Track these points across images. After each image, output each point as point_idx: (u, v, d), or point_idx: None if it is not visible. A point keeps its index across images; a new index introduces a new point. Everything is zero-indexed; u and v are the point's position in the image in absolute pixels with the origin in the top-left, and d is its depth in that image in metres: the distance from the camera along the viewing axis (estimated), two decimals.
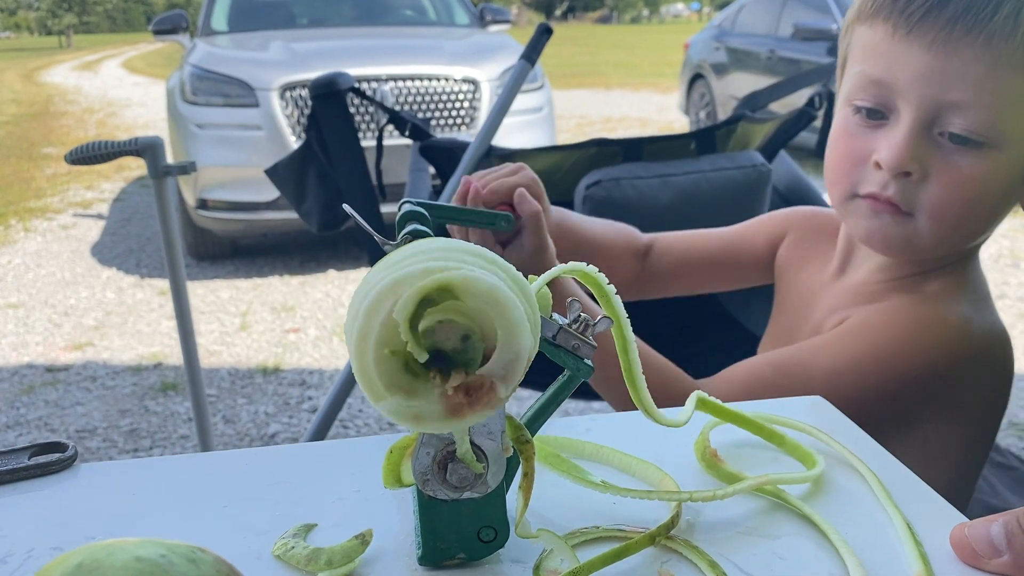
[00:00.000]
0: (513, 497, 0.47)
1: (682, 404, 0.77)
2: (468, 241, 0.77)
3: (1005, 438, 2.53)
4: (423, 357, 0.38)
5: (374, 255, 1.66)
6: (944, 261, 0.81)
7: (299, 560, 0.47)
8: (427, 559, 0.46)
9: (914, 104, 0.72)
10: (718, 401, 0.58)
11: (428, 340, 0.39)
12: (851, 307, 0.83)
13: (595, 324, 0.48)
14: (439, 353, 0.39)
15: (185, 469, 0.58)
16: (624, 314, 0.48)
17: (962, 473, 0.81)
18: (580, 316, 0.48)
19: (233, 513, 0.52)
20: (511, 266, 0.40)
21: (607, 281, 0.47)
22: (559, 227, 0.88)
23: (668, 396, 0.75)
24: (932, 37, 0.70)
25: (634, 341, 0.49)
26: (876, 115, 0.76)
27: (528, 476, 0.44)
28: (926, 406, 0.76)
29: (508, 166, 0.82)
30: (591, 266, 0.47)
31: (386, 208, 1.73)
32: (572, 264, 0.47)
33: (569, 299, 0.49)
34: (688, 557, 0.47)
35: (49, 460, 0.57)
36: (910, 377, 0.75)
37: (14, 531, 0.51)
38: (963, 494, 0.82)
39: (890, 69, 0.73)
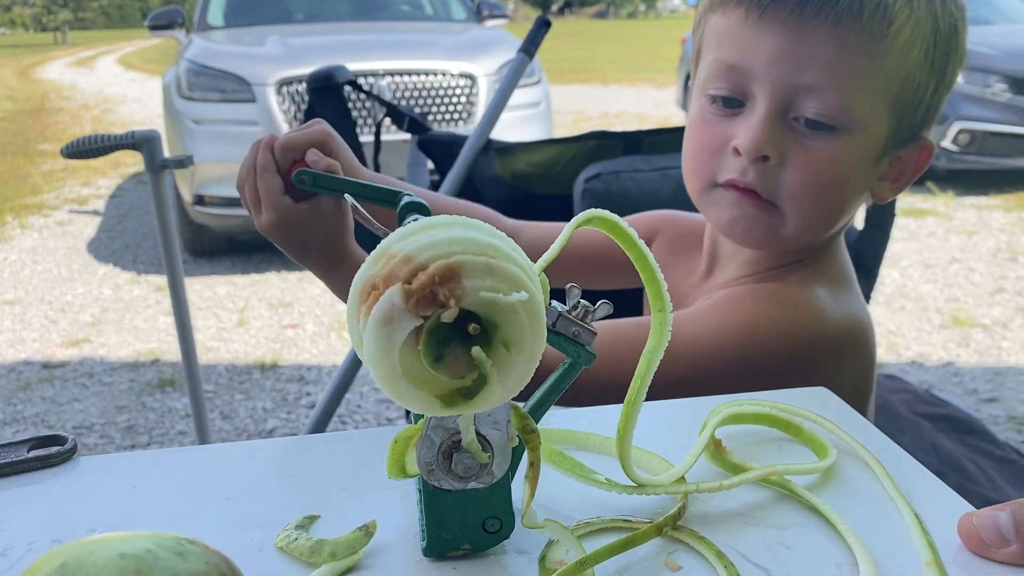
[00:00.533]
0: (518, 487, 0.47)
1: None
2: (252, 203, 0.73)
3: (1004, 432, 2.54)
4: (462, 360, 0.38)
5: (371, 249, 1.65)
6: (803, 252, 0.81)
7: (302, 552, 0.46)
8: (432, 550, 0.46)
9: (768, 88, 0.73)
10: (733, 410, 0.58)
11: (440, 347, 0.38)
12: None
13: (595, 310, 0.47)
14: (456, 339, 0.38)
15: (186, 462, 0.58)
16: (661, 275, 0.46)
17: None
18: (579, 302, 0.48)
19: (235, 506, 0.52)
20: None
21: (636, 236, 0.45)
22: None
23: None
24: (783, 19, 0.72)
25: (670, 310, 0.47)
26: (732, 103, 0.76)
27: (534, 466, 0.44)
28: (785, 384, 0.75)
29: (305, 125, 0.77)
30: (610, 213, 0.44)
31: None
32: (589, 212, 0.44)
33: (568, 285, 0.48)
34: (695, 547, 0.47)
35: (48, 453, 0.56)
36: (768, 352, 0.75)
37: (14, 524, 0.50)
38: None
39: (745, 54, 0.74)
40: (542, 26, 1.64)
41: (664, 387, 0.74)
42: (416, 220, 0.62)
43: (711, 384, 0.73)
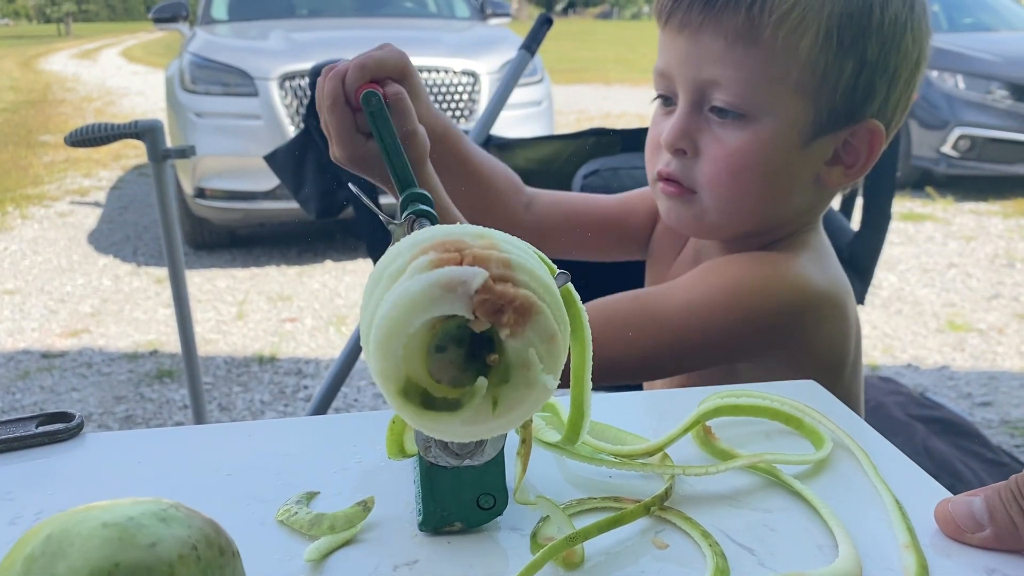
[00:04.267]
0: (510, 466, 0.48)
1: None
2: (327, 132, 0.74)
3: (997, 436, 2.55)
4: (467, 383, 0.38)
5: (372, 244, 1.66)
6: (775, 236, 0.84)
7: (302, 525, 0.48)
8: (427, 525, 0.47)
9: (683, 87, 0.80)
10: (729, 401, 0.59)
11: (448, 340, 0.37)
12: None
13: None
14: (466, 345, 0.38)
15: (190, 440, 0.59)
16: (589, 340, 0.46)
17: None
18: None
19: (237, 482, 0.53)
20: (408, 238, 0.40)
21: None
22: (440, 132, 0.84)
23: None
24: (679, 23, 0.78)
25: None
26: (669, 103, 0.83)
27: (526, 443, 0.46)
28: (772, 348, 0.80)
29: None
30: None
31: (385, 199, 1.73)
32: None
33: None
34: (681, 527, 0.48)
35: (56, 429, 0.58)
36: (755, 316, 0.78)
37: (23, 495, 0.52)
38: None
39: (665, 60, 0.81)
40: (544, 24, 1.65)
41: (664, 356, 0.77)
42: (422, 213, 0.62)
43: (703, 351, 0.77)
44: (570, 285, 0.45)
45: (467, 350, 0.38)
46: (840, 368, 0.84)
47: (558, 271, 0.45)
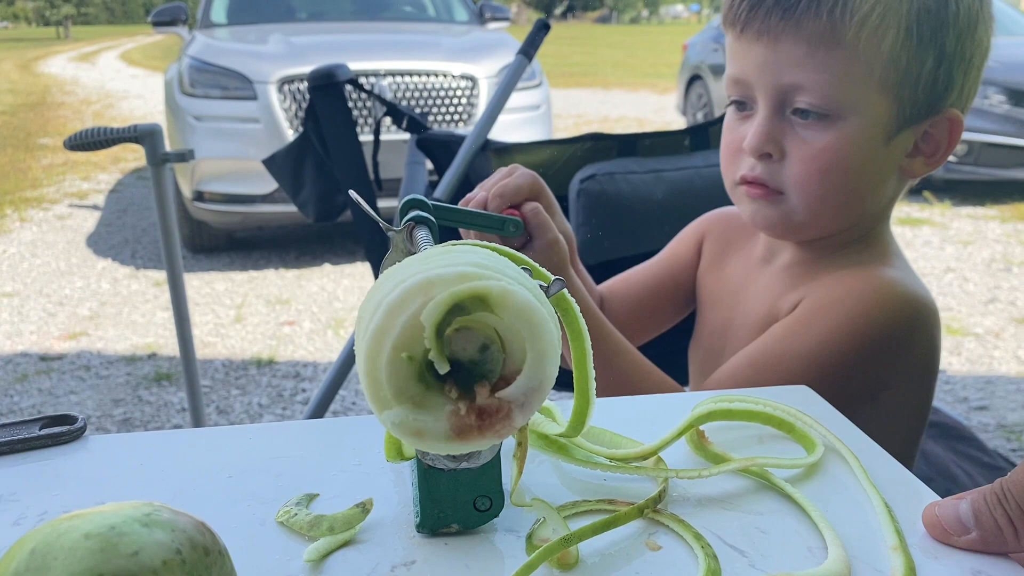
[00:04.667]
0: (507, 468, 0.49)
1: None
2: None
3: (993, 440, 2.56)
4: (445, 368, 0.38)
5: (371, 248, 1.67)
6: (851, 235, 0.85)
7: (301, 526, 0.48)
8: (425, 526, 0.48)
9: (763, 93, 0.81)
10: (723, 406, 0.60)
11: (445, 348, 0.38)
12: (793, 288, 0.86)
13: (547, 288, 0.47)
14: (455, 364, 0.39)
15: (191, 443, 0.60)
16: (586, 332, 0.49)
17: (909, 431, 0.85)
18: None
19: (237, 483, 0.54)
20: (542, 292, 0.41)
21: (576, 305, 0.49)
22: (571, 241, 0.87)
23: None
24: (757, 31, 0.79)
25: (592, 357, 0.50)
26: (744, 107, 0.84)
27: (521, 446, 0.46)
28: (886, 370, 0.80)
29: (503, 169, 0.81)
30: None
31: (383, 203, 1.75)
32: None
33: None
34: (674, 529, 0.49)
35: (59, 431, 0.59)
36: (876, 344, 0.79)
37: (27, 496, 0.52)
38: (910, 451, 0.86)
39: (741, 67, 0.82)
40: (541, 29, 1.66)
41: None
42: (422, 220, 0.63)
43: (843, 392, 0.73)
44: (565, 291, 0.47)
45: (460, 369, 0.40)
46: (936, 367, 0.85)
47: (553, 278, 0.46)
